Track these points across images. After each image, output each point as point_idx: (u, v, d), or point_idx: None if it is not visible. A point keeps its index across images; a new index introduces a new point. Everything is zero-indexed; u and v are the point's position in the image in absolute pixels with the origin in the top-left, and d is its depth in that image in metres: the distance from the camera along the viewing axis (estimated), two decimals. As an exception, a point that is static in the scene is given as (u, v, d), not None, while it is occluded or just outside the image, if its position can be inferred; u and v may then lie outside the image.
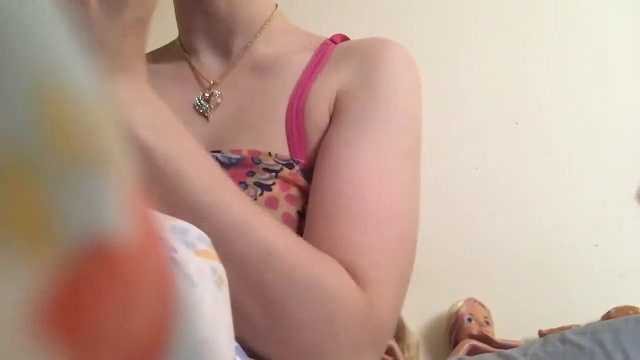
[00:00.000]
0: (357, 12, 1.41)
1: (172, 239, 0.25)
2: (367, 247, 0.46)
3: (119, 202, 0.11)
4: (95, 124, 0.11)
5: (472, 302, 1.15)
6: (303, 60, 0.60)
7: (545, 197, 1.25)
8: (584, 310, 1.11)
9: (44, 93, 0.10)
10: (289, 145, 0.55)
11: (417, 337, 1.14)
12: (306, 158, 0.54)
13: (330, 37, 0.64)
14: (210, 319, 0.22)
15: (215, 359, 0.21)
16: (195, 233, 0.29)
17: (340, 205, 0.47)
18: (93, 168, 0.11)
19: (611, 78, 1.31)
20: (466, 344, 1.02)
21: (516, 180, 1.27)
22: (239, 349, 0.38)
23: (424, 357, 1.18)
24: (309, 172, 0.54)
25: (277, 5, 0.65)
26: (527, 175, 1.27)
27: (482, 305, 1.16)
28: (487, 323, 1.13)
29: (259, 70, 0.60)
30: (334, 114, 0.55)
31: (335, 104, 0.55)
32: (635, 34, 1.32)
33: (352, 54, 0.58)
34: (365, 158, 0.50)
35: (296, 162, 0.53)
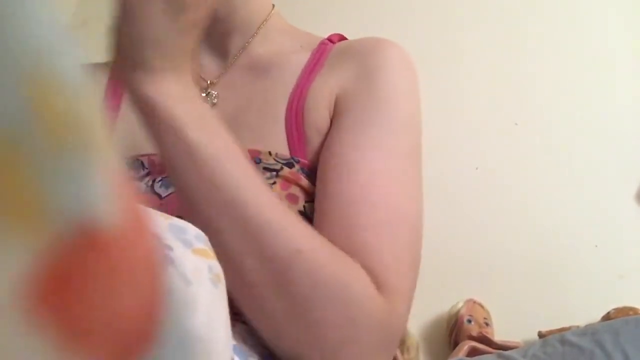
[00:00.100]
0: (357, 12, 1.42)
1: (168, 237, 0.25)
2: (383, 253, 0.46)
3: (106, 187, 0.11)
4: (83, 112, 0.11)
5: (471, 303, 1.15)
6: (301, 60, 0.60)
7: (545, 197, 1.25)
8: (583, 310, 1.11)
9: (33, 82, 0.10)
10: (289, 145, 0.55)
11: (417, 338, 1.14)
12: (306, 157, 0.54)
13: (327, 36, 0.64)
14: (206, 317, 0.22)
15: (211, 356, 0.21)
16: (192, 232, 0.28)
17: (352, 211, 0.48)
18: (81, 154, 0.11)
19: (611, 78, 1.31)
20: (466, 345, 1.02)
21: (516, 180, 1.27)
22: (237, 348, 0.38)
23: (424, 358, 1.18)
24: (310, 171, 0.54)
25: (274, 6, 0.65)
26: (527, 175, 1.27)
27: (481, 307, 1.16)
28: (487, 324, 1.13)
29: (256, 70, 0.60)
30: (334, 115, 0.55)
31: (335, 105, 0.55)
32: (635, 34, 1.32)
33: (351, 54, 0.58)
34: (371, 161, 0.50)
35: (296, 161, 0.53)
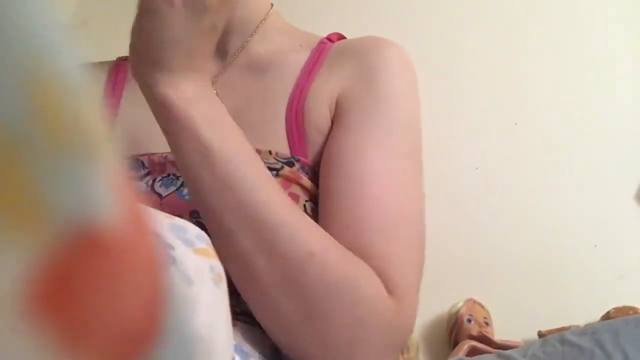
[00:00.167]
0: (357, 12, 1.41)
1: (170, 237, 0.25)
2: (391, 255, 0.47)
3: (107, 188, 0.11)
4: (84, 112, 0.11)
5: (471, 302, 1.15)
6: (300, 59, 0.60)
7: (545, 197, 1.25)
8: (583, 310, 1.11)
9: (34, 81, 0.10)
10: (289, 144, 0.55)
11: (417, 338, 1.14)
12: (307, 156, 0.54)
13: (326, 35, 0.64)
14: (207, 317, 0.22)
15: (212, 356, 0.21)
16: (194, 231, 0.28)
17: (359, 214, 0.48)
18: (82, 154, 0.11)
19: (611, 78, 1.31)
20: (466, 345, 1.02)
21: (516, 180, 1.27)
22: (238, 347, 0.38)
23: (424, 358, 1.18)
24: (310, 170, 0.54)
25: (272, 5, 0.65)
26: (527, 175, 1.27)
27: (481, 306, 1.16)
28: (487, 324, 1.13)
29: (255, 69, 0.60)
30: (335, 117, 0.55)
31: (336, 107, 0.55)
32: (635, 34, 1.32)
33: (350, 54, 0.58)
34: (374, 162, 0.50)
35: (297, 160, 0.53)
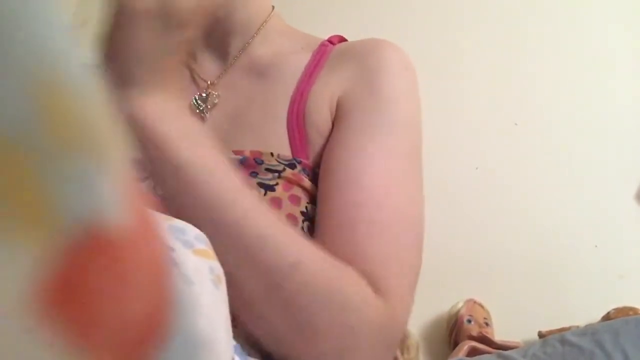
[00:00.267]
0: (357, 12, 1.41)
1: (169, 238, 0.25)
2: (384, 256, 0.46)
3: (114, 190, 0.11)
4: (92, 116, 0.11)
5: (471, 303, 1.15)
6: (301, 61, 0.60)
7: (545, 197, 1.25)
8: (583, 310, 1.11)
9: (43, 84, 0.10)
10: (291, 146, 0.55)
11: (417, 338, 1.14)
12: (308, 158, 0.54)
13: (327, 38, 0.64)
14: (208, 318, 0.22)
15: (213, 357, 0.21)
16: (193, 232, 0.28)
17: (354, 215, 0.48)
18: (90, 157, 0.11)
19: (611, 78, 1.31)
20: (466, 345, 1.02)
21: (516, 180, 1.27)
22: (238, 348, 0.38)
23: (424, 358, 1.18)
24: (312, 172, 0.54)
25: (273, 7, 0.65)
26: (527, 175, 1.27)
27: (481, 307, 1.16)
28: (487, 324, 1.13)
29: (256, 71, 0.60)
30: (336, 118, 0.55)
31: (337, 108, 0.55)
32: (635, 34, 1.32)
33: (351, 56, 0.58)
34: (372, 163, 0.50)
35: (298, 162, 0.53)
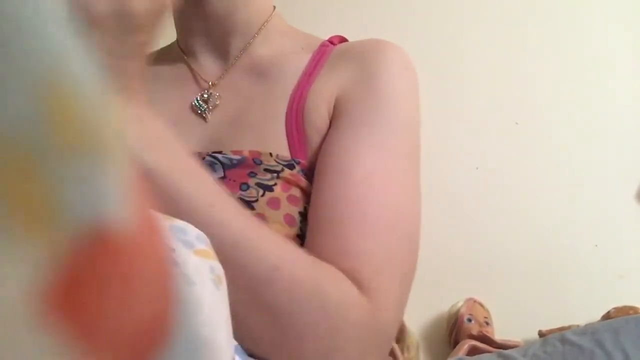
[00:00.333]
0: (357, 12, 1.41)
1: (170, 239, 0.25)
2: (371, 253, 0.46)
3: (118, 192, 0.11)
4: (97, 116, 0.11)
5: (471, 302, 1.15)
6: (302, 62, 0.60)
7: (545, 197, 1.25)
8: (583, 310, 1.11)
9: (48, 84, 0.10)
10: (290, 146, 0.55)
11: (417, 337, 1.14)
12: (307, 158, 0.54)
13: (328, 38, 0.64)
14: (209, 318, 0.22)
15: (214, 357, 0.21)
16: (193, 233, 0.28)
17: (343, 211, 0.47)
18: (94, 158, 0.11)
19: (611, 78, 1.31)
20: (466, 344, 1.02)
21: (516, 180, 1.27)
22: (239, 348, 0.38)
23: (424, 358, 1.18)
24: (310, 173, 0.54)
25: (274, 7, 0.65)
26: (527, 175, 1.27)
27: (481, 306, 1.16)
28: (487, 323, 1.13)
29: (257, 71, 0.60)
30: (333, 117, 0.55)
31: (334, 107, 0.55)
32: (635, 34, 1.32)
33: (351, 56, 0.58)
34: (366, 162, 0.50)
35: (297, 163, 0.53)
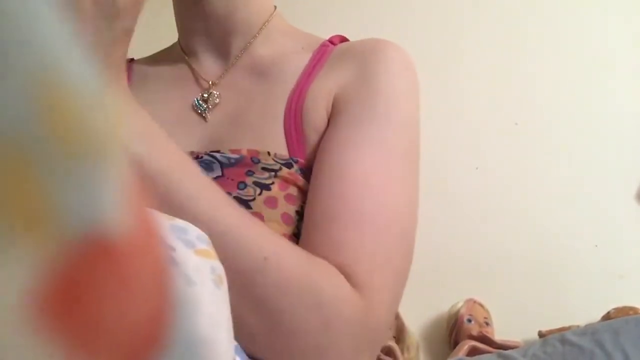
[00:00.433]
0: (357, 12, 1.41)
1: (171, 238, 0.25)
2: (365, 250, 0.45)
3: (116, 195, 0.11)
4: (93, 117, 0.11)
5: (471, 302, 1.15)
6: (302, 61, 0.60)
7: (545, 197, 1.25)
8: (583, 310, 1.11)
9: (44, 84, 0.10)
10: (288, 145, 0.55)
11: (417, 337, 1.14)
12: (305, 158, 0.54)
13: (328, 38, 0.64)
14: (210, 318, 0.22)
15: (215, 357, 0.21)
16: (194, 232, 0.28)
17: (337, 208, 0.47)
18: (91, 161, 0.11)
19: (611, 78, 1.31)
20: (466, 345, 1.02)
21: (516, 180, 1.27)
22: (238, 348, 0.38)
23: (424, 358, 1.18)
24: (308, 172, 0.54)
25: (275, 7, 0.65)
26: (527, 175, 1.27)
27: (481, 306, 1.16)
28: (487, 324, 1.13)
29: (257, 71, 0.60)
30: (332, 115, 0.55)
31: (333, 105, 0.55)
32: (635, 34, 1.32)
33: (351, 55, 0.58)
34: (364, 160, 0.50)
35: (295, 162, 0.53)
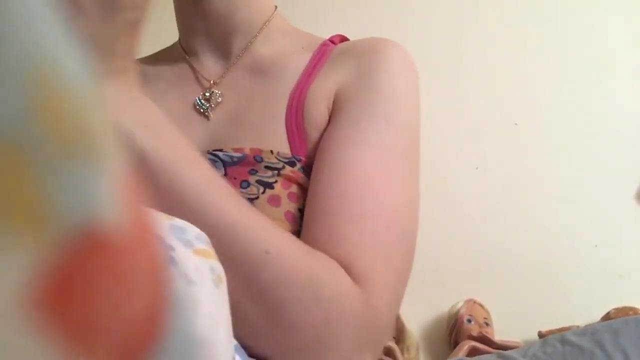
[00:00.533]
0: (357, 12, 1.41)
1: (170, 238, 0.25)
2: (365, 246, 0.46)
3: (111, 191, 0.11)
4: (89, 115, 0.11)
5: (471, 303, 1.15)
6: (302, 61, 0.60)
7: (545, 197, 1.25)
8: (583, 310, 1.11)
9: (38, 83, 0.10)
10: (290, 143, 0.55)
11: (417, 338, 1.14)
12: (307, 156, 0.55)
13: (329, 37, 0.64)
14: (208, 318, 0.22)
15: (214, 357, 0.21)
16: (193, 232, 0.28)
17: (338, 204, 0.47)
18: (86, 156, 0.11)
19: (611, 78, 1.31)
20: (466, 345, 1.02)
21: (516, 180, 1.27)
22: (239, 348, 0.38)
23: (424, 358, 1.18)
24: (309, 170, 0.54)
25: (276, 7, 0.65)
26: (527, 175, 1.27)
27: (481, 306, 1.16)
28: (487, 324, 1.13)
29: (258, 70, 0.61)
30: (332, 113, 0.55)
31: (334, 103, 0.55)
32: (635, 34, 1.32)
33: (351, 54, 0.58)
34: (364, 157, 0.50)
35: (298, 160, 0.53)
